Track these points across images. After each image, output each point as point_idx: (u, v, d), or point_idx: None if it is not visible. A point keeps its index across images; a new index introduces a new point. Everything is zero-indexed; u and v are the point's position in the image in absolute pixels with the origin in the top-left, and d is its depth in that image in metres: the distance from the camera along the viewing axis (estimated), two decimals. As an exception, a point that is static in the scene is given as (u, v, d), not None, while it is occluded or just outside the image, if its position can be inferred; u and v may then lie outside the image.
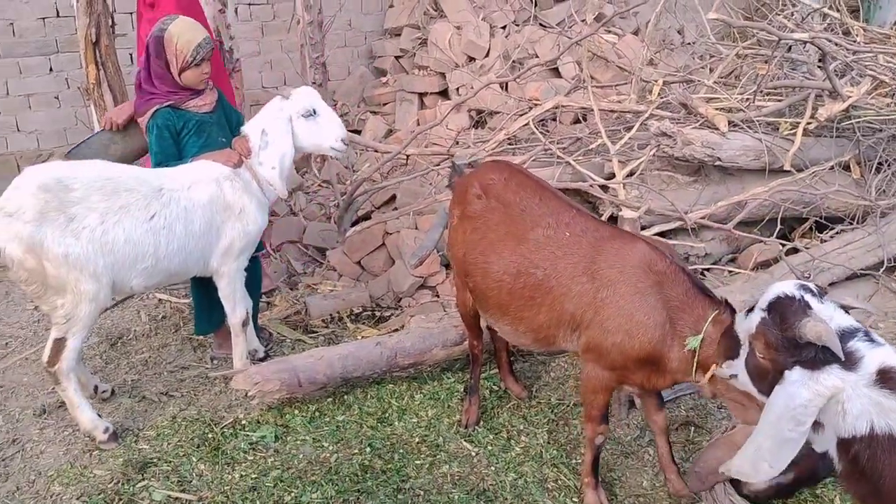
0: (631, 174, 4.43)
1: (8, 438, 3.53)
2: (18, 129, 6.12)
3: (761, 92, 4.98)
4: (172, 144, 3.68)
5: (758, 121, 4.67)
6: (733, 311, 2.68)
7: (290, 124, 3.66)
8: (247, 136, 3.67)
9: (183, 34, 3.58)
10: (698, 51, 6.63)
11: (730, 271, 4.63)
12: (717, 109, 4.73)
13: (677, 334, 2.73)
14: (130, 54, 6.30)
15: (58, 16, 6.04)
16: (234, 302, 3.77)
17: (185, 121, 3.67)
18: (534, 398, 3.81)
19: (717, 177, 4.78)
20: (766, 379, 2.29)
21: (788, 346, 2.19)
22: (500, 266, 3.09)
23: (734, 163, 4.55)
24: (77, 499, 3.13)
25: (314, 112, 3.67)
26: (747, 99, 4.87)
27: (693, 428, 3.58)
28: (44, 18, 6.03)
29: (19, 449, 3.47)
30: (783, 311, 2.24)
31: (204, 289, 3.86)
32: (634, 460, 3.40)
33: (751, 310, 2.38)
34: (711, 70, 5.71)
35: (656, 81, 5.27)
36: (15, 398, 3.85)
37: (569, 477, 3.27)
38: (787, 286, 2.30)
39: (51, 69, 6.12)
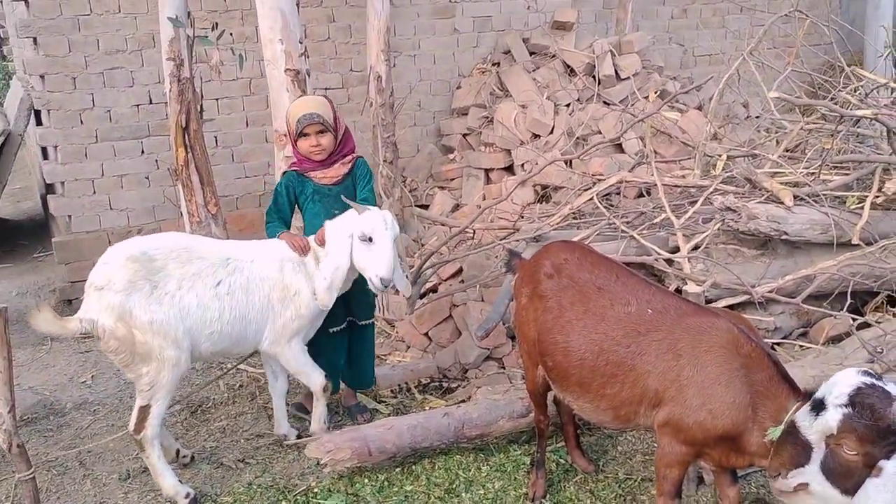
0: (696, 248, 4.48)
1: (95, 502, 3.71)
2: (111, 208, 6.54)
3: (827, 166, 5.00)
4: (285, 203, 4.04)
5: (824, 195, 4.68)
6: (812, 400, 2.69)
7: (351, 240, 3.75)
8: (324, 229, 3.84)
9: (292, 109, 4.01)
10: (763, 125, 6.69)
11: (801, 346, 4.58)
12: (782, 184, 4.77)
13: (758, 420, 2.76)
14: (216, 137, 6.73)
15: (150, 103, 6.51)
16: (307, 372, 3.94)
17: (304, 187, 4.02)
18: (601, 472, 3.81)
19: (785, 250, 4.78)
20: (853, 477, 2.25)
21: (883, 436, 2.17)
22: (581, 344, 3.14)
23: (801, 236, 4.56)
24: (158, 561, 3.27)
25: (370, 240, 3.71)
26: (812, 173, 4.89)
27: (764, 505, 3.53)
28: (138, 105, 6.50)
29: (105, 512, 3.64)
30: (870, 402, 2.21)
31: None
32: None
33: (817, 409, 2.34)
34: (777, 142, 5.76)
35: (720, 156, 5.35)
36: (102, 463, 4.05)
37: (637, 553, 3.25)
38: (851, 377, 2.30)
39: (142, 151, 6.56)
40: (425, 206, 7.11)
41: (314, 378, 3.95)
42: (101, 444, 4.16)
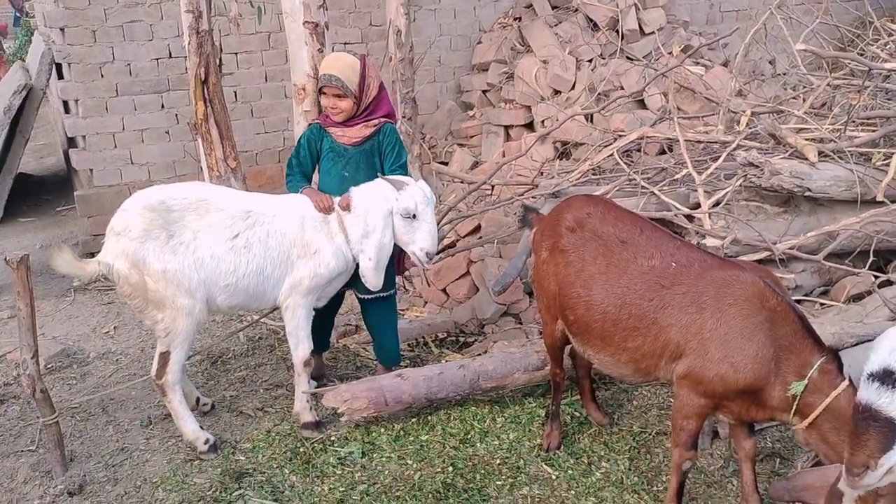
0: (717, 204, 4.43)
1: (117, 447, 3.79)
2: (132, 162, 6.59)
3: (853, 122, 4.90)
4: (307, 156, 3.98)
5: (849, 151, 4.60)
6: (838, 360, 2.68)
7: (391, 217, 3.70)
8: (350, 196, 3.77)
9: (322, 63, 3.95)
10: (789, 82, 6.56)
11: (821, 304, 4.54)
12: (806, 140, 4.68)
13: (781, 374, 2.77)
14: (235, 92, 6.72)
15: (170, 56, 6.51)
16: (298, 339, 3.79)
17: (324, 142, 3.97)
18: (615, 425, 3.83)
19: (807, 207, 4.71)
20: None
21: None
22: (604, 298, 3.14)
23: (824, 193, 4.49)
24: (179, 504, 3.35)
25: (414, 217, 3.69)
26: (838, 129, 4.80)
27: (779, 459, 3.53)
28: (157, 59, 6.51)
29: (127, 457, 3.72)
30: None
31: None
32: (717, 490, 3.38)
33: (887, 380, 2.17)
34: (804, 99, 5.65)
35: (744, 112, 5.26)
36: (124, 410, 4.13)
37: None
38: None
39: (162, 106, 6.58)
40: (444, 164, 7.08)
41: (301, 348, 3.80)
42: (123, 392, 4.25)
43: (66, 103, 6.56)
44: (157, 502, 3.37)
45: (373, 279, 3.75)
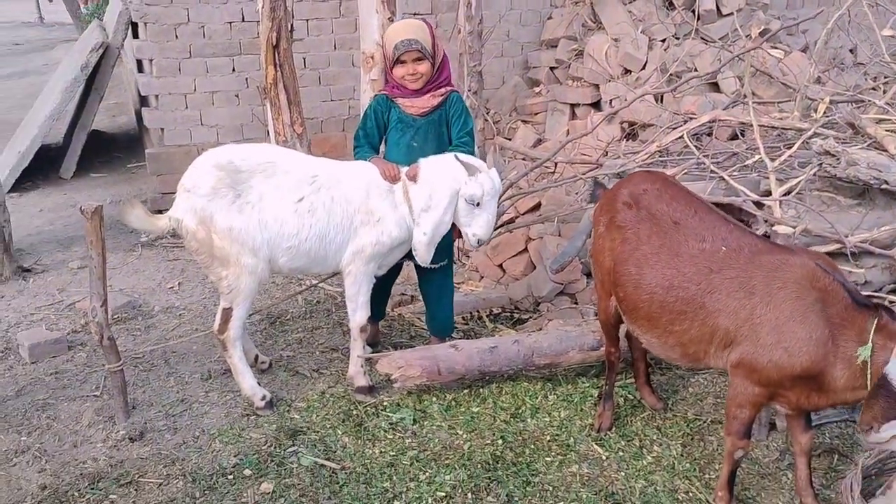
0: (788, 192, 4.30)
1: (178, 398, 3.91)
2: (202, 123, 6.72)
3: (940, 114, 4.69)
4: (374, 127, 3.98)
5: (933, 144, 4.40)
6: (890, 312, 2.62)
7: (456, 198, 3.69)
8: (418, 167, 3.75)
9: (390, 34, 3.88)
10: (871, 71, 6.31)
11: (890, 301, 4.38)
12: (887, 131, 4.50)
13: (840, 352, 2.69)
14: (304, 58, 6.77)
15: (243, 20, 6.59)
16: (357, 305, 3.83)
17: (391, 114, 3.95)
18: (669, 411, 3.79)
19: (883, 201, 4.53)
20: None
21: None
22: (653, 279, 3.10)
23: (903, 187, 4.31)
24: (234, 456, 3.44)
25: (477, 205, 3.69)
26: (923, 121, 4.60)
27: (837, 456, 3.44)
28: (230, 22, 6.60)
29: (187, 408, 3.83)
30: None
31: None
32: (771, 482, 3.32)
33: None
34: (885, 90, 5.43)
35: (822, 99, 5.08)
36: (185, 363, 4.25)
37: (701, 490, 3.24)
38: None
39: (233, 69, 6.68)
40: (508, 139, 7.03)
41: (359, 314, 3.84)
42: (185, 345, 4.37)
43: (140, 63, 6.72)
44: (214, 453, 3.47)
45: (423, 253, 3.75)
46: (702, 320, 2.97)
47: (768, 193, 4.33)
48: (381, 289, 4.24)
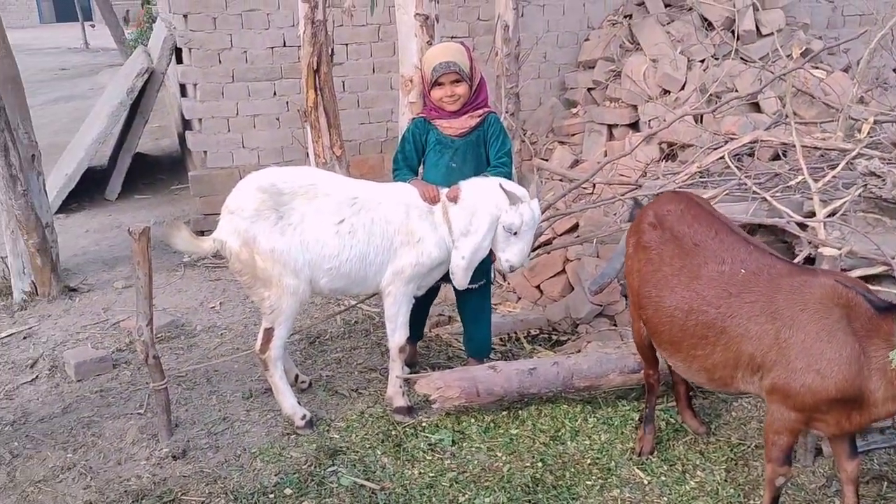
0: (833, 213, 4.24)
1: (220, 416, 3.95)
2: (243, 146, 6.84)
3: None
4: (412, 150, 4.02)
5: (982, 164, 4.31)
6: None
7: (496, 225, 3.71)
8: (459, 189, 3.77)
9: (428, 56, 3.95)
10: (916, 90, 6.22)
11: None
12: (934, 150, 4.43)
13: (873, 364, 2.63)
14: (343, 82, 6.88)
15: (284, 45, 6.72)
16: (396, 325, 3.84)
17: (429, 135, 3.99)
18: (713, 435, 3.72)
19: (931, 223, 4.45)
20: None
21: None
22: (672, 301, 3.07)
23: (952, 208, 4.23)
24: (275, 475, 3.46)
25: (515, 233, 3.71)
26: (971, 141, 4.51)
27: (886, 483, 3.35)
28: (272, 48, 6.73)
29: (228, 426, 3.87)
30: None
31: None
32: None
33: None
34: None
35: (866, 119, 5.02)
36: (227, 382, 4.30)
37: (745, 517, 3.18)
38: None
39: (275, 93, 6.80)
40: (545, 160, 7.04)
41: (397, 335, 3.86)
42: (226, 364, 4.42)
43: (183, 87, 6.88)
44: (255, 472, 3.49)
45: (461, 278, 3.76)
46: (724, 345, 2.93)
47: (812, 215, 4.28)
48: (420, 309, 4.25)
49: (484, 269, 4.07)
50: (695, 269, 3.05)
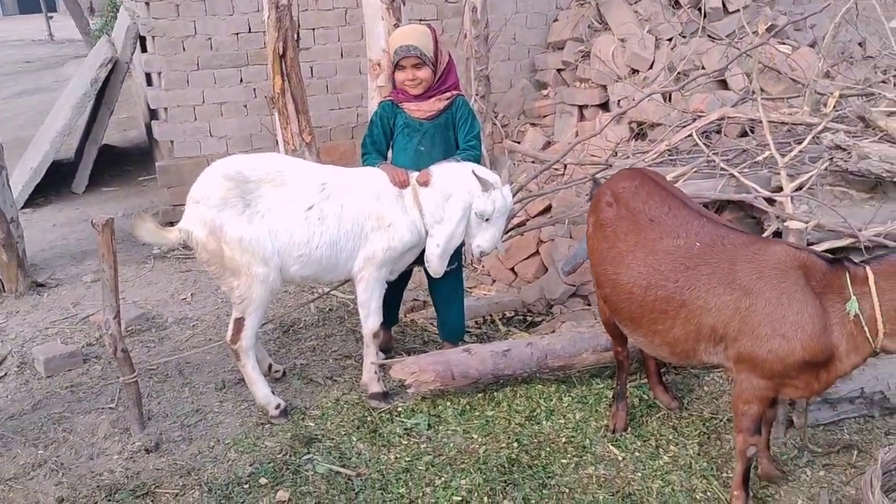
0: (800, 188, 4.27)
1: (193, 408, 3.92)
2: (211, 135, 6.75)
3: (951, 105, 4.65)
4: (380, 134, 3.98)
5: (946, 136, 4.36)
6: (850, 261, 2.72)
7: (469, 212, 3.71)
8: (430, 173, 3.76)
9: (392, 38, 3.91)
10: (881, 64, 6.27)
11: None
12: (899, 123, 4.46)
13: (832, 318, 2.69)
14: (311, 67, 6.80)
15: (249, 31, 6.63)
16: (369, 311, 3.82)
17: (397, 119, 3.95)
18: (685, 410, 3.76)
19: (897, 194, 4.50)
20: None
21: None
22: (630, 278, 3.09)
23: (916, 179, 4.27)
24: (249, 465, 3.43)
25: (487, 220, 3.73)
26: (934, 113, 4.56)
27: (857, 452, 3.40)
28: (237, 34, 6.63)
29: (201, 418, 3.84)
30: None
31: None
32: (790, 478, 3.28)
33: None
34: (895, 84, 5.39)
35: (832, 94, 5.05)
36: (199, 373, 4.26)
37: (719, 490, 3.21)
38: None
39: (241, 80, 6.71)
40: (516, 143, 7.02)
41: (371, 320, 3.84)
42: (199, 356, 4.38)
43: (149, 76, 6.77)
44: (230, 462, 3.47)
45: (436, 265, 3.75)
46: (684, 318, 2.95)
47: (780, 189, 4.30)
48: (394, 294, 4.24)
49: (455, 252, 4.05)
50: (650, 245, 3.06)
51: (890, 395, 3.60)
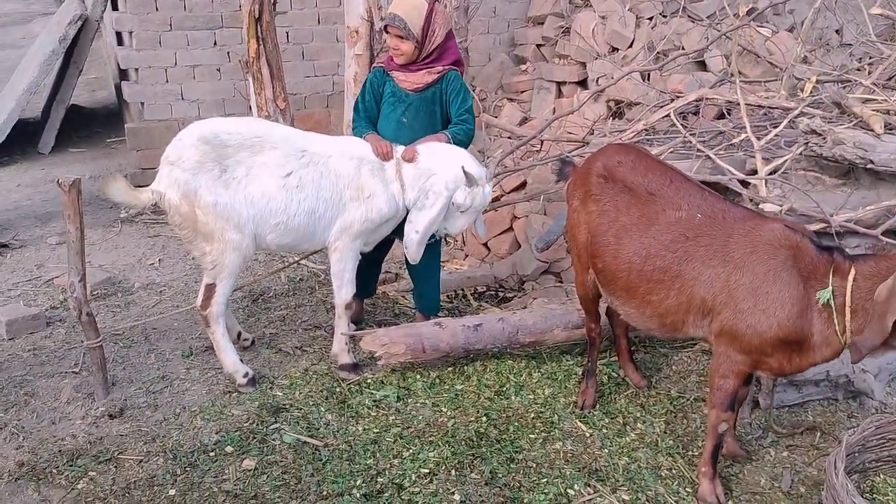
0: (774, 171, 4.29)
1: (158, 375, 3.86)
2: (182, 98, 6.61)
3: (925, 95, 4.68)
4: (371, 100, 3.93)
5: (919, 125, 4.40)
6: (841, 252, 2.74)
7: (450, 202, 3.72)
8: (417, 152, 3.74)
9: (393, 3, 3.82)
10: (857, 52, 6.31)
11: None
12: (873, 110, 4.49)
13: (811, 303, 2.72)
14: (287, 33, 6.67)
15: (225, -8, 6.47)
16: (342, 282, 3.80)
17: (386, 86, 3.89)
18: (653, 388, 3.79)
19: (868, 181, 4.53)
20: None
21: None
22: (631, 248, 3.11)
23: (888, 167, 4.30)
24: (216, 433, 3.40)
25: (464, 210, 3.75)
26: (909, 101, 4.59)
27: (820, 434, 3.46)
28: (212, -5, 6.48)
29: (167, 384, 3.79)
30: None
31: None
32: (753, 458, 3.33)
33: None
34: (870, 72, 5.42)
35: (809, 79, 5.07)
36: (166, 340, 4.20)
37: (684, 467, 3.25)
38: None
39: (215, 43, 6.56)
40: (493, 117, 6.97)
41: (344, 290, 3.81)
42: (166, 322, 4.31)
43: (119, 35, 6.59)
44: (196, 430, 3.43)
45: (414, 252, 3.74)
46: (678, 289, 2.99)
47: (754, 172, 4.32)
48: (372, 266, 4.21)
49: None
50: (652, 217, 3.09)
51: (854, 378, 3.65)
